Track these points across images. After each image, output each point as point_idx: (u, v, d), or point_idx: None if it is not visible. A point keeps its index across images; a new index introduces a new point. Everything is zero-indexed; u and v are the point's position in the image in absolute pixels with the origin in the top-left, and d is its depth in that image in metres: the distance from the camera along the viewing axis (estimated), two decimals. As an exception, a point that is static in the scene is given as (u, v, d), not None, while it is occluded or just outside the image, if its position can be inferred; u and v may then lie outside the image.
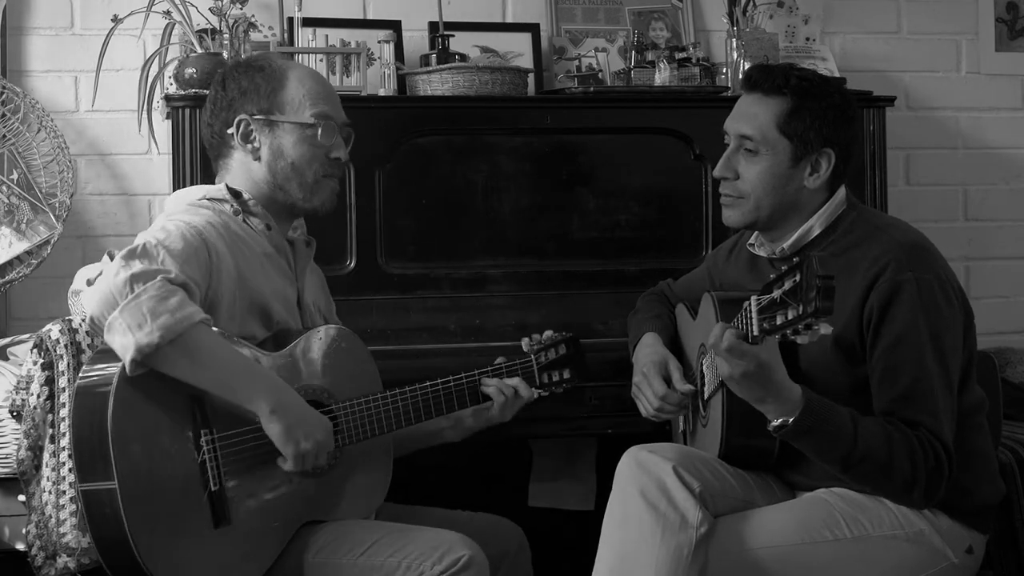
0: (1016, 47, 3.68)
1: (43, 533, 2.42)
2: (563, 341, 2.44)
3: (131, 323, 1.95)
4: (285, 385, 2.10)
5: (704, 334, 2.36)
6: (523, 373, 2.39)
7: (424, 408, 2.27)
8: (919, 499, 2.16)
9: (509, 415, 2.37)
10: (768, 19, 3.38)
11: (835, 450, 2.12)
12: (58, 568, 2.42)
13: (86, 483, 1.98)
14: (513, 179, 2.97)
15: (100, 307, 1.98)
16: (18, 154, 3.02)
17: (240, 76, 2.29)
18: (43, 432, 2.44)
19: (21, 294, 3.18)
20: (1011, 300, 3.71)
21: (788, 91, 2.27)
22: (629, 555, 2.15)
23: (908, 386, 2.14)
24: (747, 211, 2.31)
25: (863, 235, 2.27)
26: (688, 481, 2.17)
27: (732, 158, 2.32)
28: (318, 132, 2.27)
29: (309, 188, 2.28)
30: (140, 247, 2.05)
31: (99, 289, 2.00)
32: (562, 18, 3.39)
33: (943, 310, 2.18)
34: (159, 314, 1.96)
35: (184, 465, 2.01)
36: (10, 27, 3.18)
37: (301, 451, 2.07)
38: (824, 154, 2.28)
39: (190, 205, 2.25)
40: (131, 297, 1.96)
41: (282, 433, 2.05)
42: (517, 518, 2.49)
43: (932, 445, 2.12)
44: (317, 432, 2.09)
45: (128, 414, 1.97)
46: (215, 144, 2.32)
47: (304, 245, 2.38)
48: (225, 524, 2.03)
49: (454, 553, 2.06)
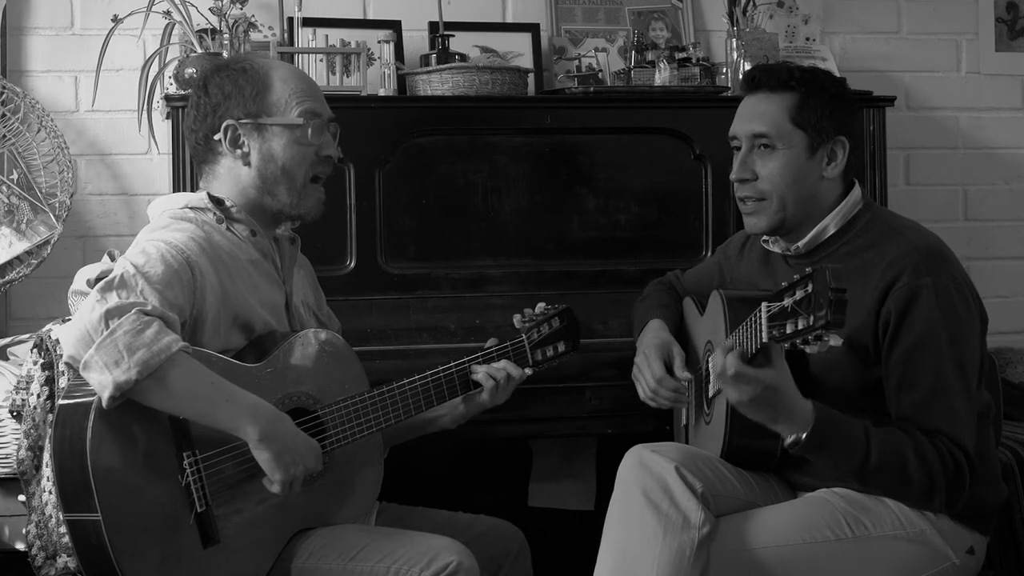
0: (1016, 47, 3.69)
1: (43, 533, 2.42)
2: (556, 314, 2.42)
3: (107, 361, 1.91)
4: (271, 409, 2.04)
5: (711, 331, 2.36)
6: (515, 354, 2.36)
7: (414, 402, 2.24)
8: (940, 506, 2.16)
9: (503, 398, 2.34)
10: (768, 19, 3.39)
11: (850, 463, 2.12)
12: (58, 568, 2.42)
13: (71, 514, 1.95)
14: (513, 179, 2.97)
15: (76, 346, 1.94)
16: (18, 154, 3.02)
17: (223, 80, 2.22)
18: (43, 432, 2.43)
19: (21, 294, 3.18)
20: (1011, 300, 3.71)
21: (795, 84, 2.29)
22: (631, 555, 2.15)
23: (927, 393, 2.14)
24: (772, 212, 2.30)
25: (878, 236, 2.26)
26: (691, 481, 2.17)
27: (747, 159, 2.31)
28: (308, 131, 2.21)
29: (298, 192, 2.23)
30: (117, 278, 2.00)
31: (75, 326, 1.96)
32: (562, 18, 3.39)
33: (962, 315, 2.17)
34: (135, 349, 1.91)
35: (168, 489, 1.98)
36: (10, 27, 3.18)
37: (290, 477, 2.03)
38: (839, 142, 2.28)
39: (172, 218, 2.19)
40: (106, 334, 1.92)
41: (271, 460, 2.01)
42: (517, 518, 2.49)
43: (951, 452, 2.12)
44: (307, 458, 2.05)
45: (108, 443, 1.93)
46: (200, 150, 2.25)
47: (289, 243, 2.34)
48: (214, 544, 2.01)
49: (442, 559, 2.05)
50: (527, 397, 2.51)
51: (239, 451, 2.04)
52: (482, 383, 2.31)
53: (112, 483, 1.93)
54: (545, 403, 2.51)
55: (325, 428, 2.16)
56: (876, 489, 2.18)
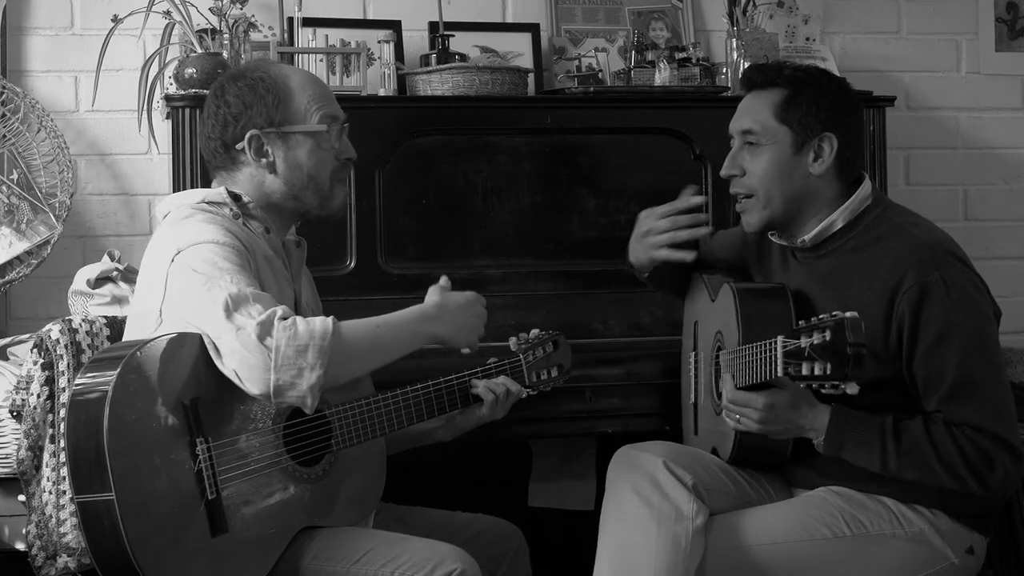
0: (1016, 47, 3.68)
1: (43, 533, 2.42)
2: (550, 339, 2.45)
3: (292, 377, 1.99)
4: (428, 309, 2.26)
5: (722, 322, 2.37)
6: (512, 372, 2.39)
7: (416, 410, 2.27)
8: (979, 491, 2.15)
9: (500, 413, 2.37)
10: (768, 19, 3.38)
11: (872, 461, 2.15)
12: (58, 568, 2.42)
13: (83, 494, 1.96)
14: (513, 179, 2.97)
15: (257, 383, 2.00)
16: (18, 154, 3.02)
17: (241, 89, 2.23)
18: (43, 432, 2.44)
19: (21, 294, 3.18)
20: (1011, 300, 3.70)
21: (782, 81, 2.30)
22: (628, 550, 2.16)
23: (951, 387, 2.14)
24: (760, 209, 2.31)
25: (884, 232, 2.27)
26: (680, 474, 2.19)
27: (737, 155, 2.34)
28: (331, 136, 2.25)
29: (325, 195, 2.27)
30: (227, 301, 2.01)
31: (242, 366, 2.00)
32: (562, 18, 3.39)
33: (977, 302, 2.18)
34: (304, 351, 1.99)
35: (181, 474, 2.00)
36: (10, 27, 3.18)
37: (476, 339, 2.30)
38: (826, 138, 2.28)
39: (193, 209, 2.21)
40: (272, 356, 1.98)
41: (461, 340, 2.28)
42: (517, 518, 2.49)
43: (972, 440, 2.12)
44: (475, 308, 2.31)
45: (124, 425, 1.95)
46: (219, 157, 2.26)
47: (295, 246, 2.36)
48: (222, 532, 2.02)
49: (446, 566, 2.06)
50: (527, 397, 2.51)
51: (250, 440, 2.07)
52: (482, 396, 2.33)
53: (127, 463, 1.95)
54: (545, 403, 2.51)
55: (332, 429, 2.18)
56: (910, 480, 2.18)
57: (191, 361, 2.04)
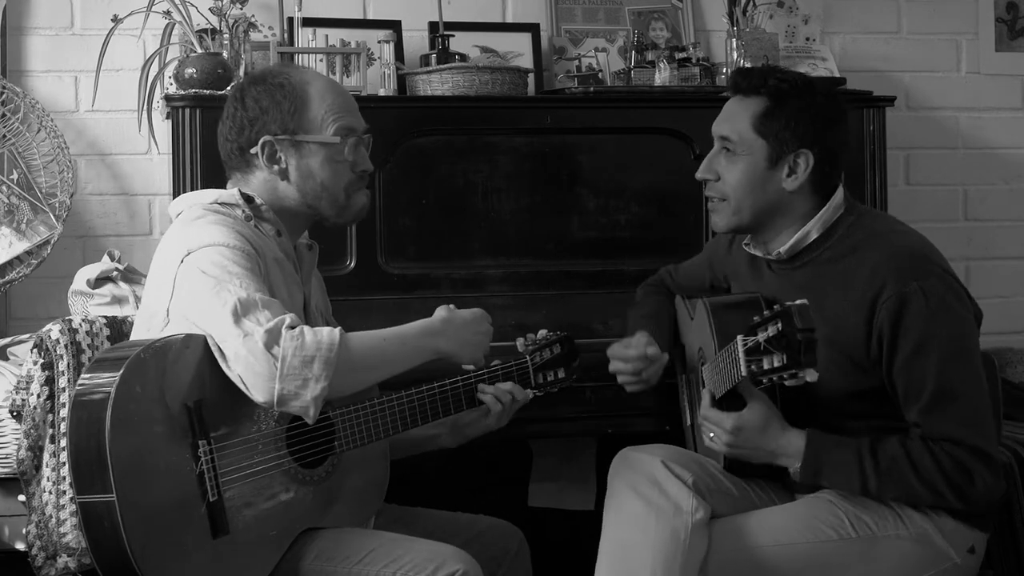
0: (1016, 47, 3.69)
1: (43, 533, 2.42)
2: (558, 341, 2.44)
3: (296, 387, 1.99)
4: (435, 323, 2.25)
5: (701, 339, 2.37)
6: (519, 374, 2.38)
7: (420, 412, 2.26)
8: (959, 505, 2.15)
9: (506, 420, 2.37)
10: (768, 19, 3.39)
11: (851, 483, 2.16)
12: (58, 568, 2.42)
13: (84, 495, 1.96)
14: (513, 179, 2.97)
15: (263, 391, 2.00)
16: (18, 154, 3.02)
17: (260, 93, 2.23)
18: (43, 432, 2.44)
19: (21, 294, 3.18)
20: (1011, 300, 3.71)
21: (765, 90, 2.28)
22: (627, 548, 2.16)
23: (930, 399, 2.13)
24: (729, 215, 2.31)
25: (860, 241, 2.25)
26: (679, 472, 2.20)
27: (714, 160, 2.33)
28: (344, 149, 2.24)
29: (341, 205, 2.27)
30: (236, 305, 2.01)
31: (247, 372, 2.00)
32: (562, 18, 3.39)
33: (957, 310, 2.16)
34: (309, 362, 1.99)
35: (182, 475, 1.99)
36: (10, 27, 3.18)
37: (480, 356, 2.29)
38: (802, 154, 2.26)
39: (205, 210, 2.21)
40: (278, 366, 1.98)
41: (464, 356, 2.26)
42: (517, 518, 2.49)
43: (951, 455, 2.11)
44: (481, 325, 2.30)
45: (126, 426, 1.95)
46: (235, 160, 2.27)
47: (307, 250, 2.36)
48: (224, 534, 2.02)
49: (448, 567, 2.06)
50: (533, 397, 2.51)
51: (253, 442, 2.07)
52: (489, 406, 2.33)
53: (129, 464, 1.94)
54: (545, 403, 2.51)
55: (336, 430, 2.17)
56: (890, 499, 2.19)
57: (195, 363, 2.04)
